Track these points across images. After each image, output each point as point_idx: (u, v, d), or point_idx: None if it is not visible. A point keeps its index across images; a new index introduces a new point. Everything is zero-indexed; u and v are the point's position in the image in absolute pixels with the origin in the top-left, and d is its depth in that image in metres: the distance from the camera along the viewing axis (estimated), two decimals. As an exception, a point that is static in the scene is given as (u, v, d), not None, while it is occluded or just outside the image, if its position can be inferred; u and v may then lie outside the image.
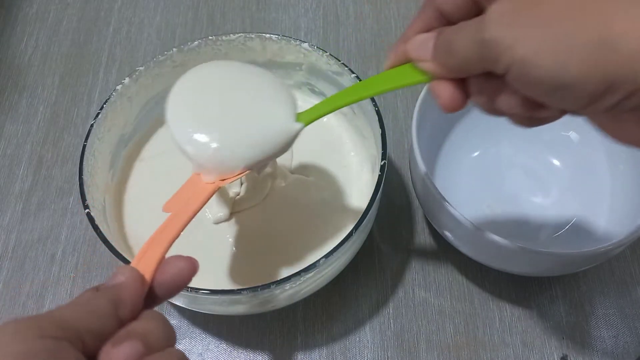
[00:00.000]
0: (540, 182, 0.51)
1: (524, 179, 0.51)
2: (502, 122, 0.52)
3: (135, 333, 0.24)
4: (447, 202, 0.40)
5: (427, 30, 0.28)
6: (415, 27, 0.28)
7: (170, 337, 0.26)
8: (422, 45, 0.27)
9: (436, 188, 0.40)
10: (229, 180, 0.34)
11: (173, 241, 0.30)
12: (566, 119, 0.48)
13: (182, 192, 0.35)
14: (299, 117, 0.34)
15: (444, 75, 0.26)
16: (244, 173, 0.34)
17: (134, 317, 0.25)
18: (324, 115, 0.34)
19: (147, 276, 0.27)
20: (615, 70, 0.20)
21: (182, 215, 0.31)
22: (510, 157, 0.52)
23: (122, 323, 0.24)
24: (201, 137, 0.33)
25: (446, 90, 0.26)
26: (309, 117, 0.34)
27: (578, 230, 0.48)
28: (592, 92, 0.21)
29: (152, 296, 0.27)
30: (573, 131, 0.51)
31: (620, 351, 0.45)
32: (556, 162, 0.51)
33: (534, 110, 0.25)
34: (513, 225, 0.49)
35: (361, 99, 0.33)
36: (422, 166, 0.41)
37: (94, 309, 0.24)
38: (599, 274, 0.48)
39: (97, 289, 0.26)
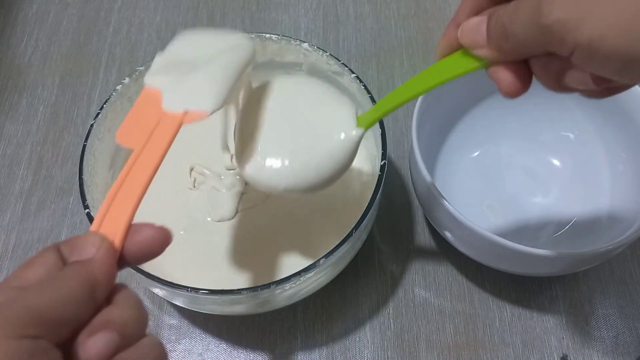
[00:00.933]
0: (540, 182, 0.51)
1: (524, 179, 0.51)
2: (502, 122, 0.52)
3: (111, 322, 0.22)
4: (447, 202, 0.40)
5: (479, 11, 0.26)
6: (465, 7, 0.26)
7: (145, 322, 0.24)
8: (474, 30, 0.25)
9: (436, 188, 0.40)
10: (197, 119, 0.30)
11: (141, 198, 0.26)
12: (566, 119, 0.48)
13: (136, 117, 0.31)
14: (359, 121, 0.34)
15: (500, 60, 0.24)
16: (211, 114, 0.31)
17: (108, 296, 0.23)
18: (385, 115, 0.33)
19: (117, 243, 0.25)
20: None
21: (148, 164, 0.27)
22: (510, 157, 0.52)
23: (96, 305, 0.23)
24: (273, 164, 0.33)
25: (506, 76, 0.24)
26: (368, 121, 0.33)
27: (578, 230, 0.48)
28: None
29: (118, 262, 0.25)
30: (573, 131, 0.51)
31: (620, 351, 0.45)
32: (556, 162, 0.52)
33: (607, 83, 0.23)
34: (513, 225, 0.49)
35: (419, 94, 0.31)
36: (422, 166, 0.41)
37: (70, 296, 0.22)
38: (599, 274, 0.48)
39: (57, 249, 0.24)
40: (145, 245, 0.25)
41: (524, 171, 0.51)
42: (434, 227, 0.47)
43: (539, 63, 0.24)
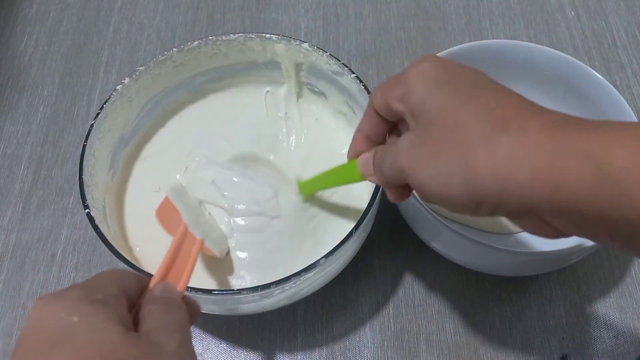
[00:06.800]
0: None
1: None
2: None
3: None
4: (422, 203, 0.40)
5: (372, 129, 0.34)
6: (362, 127, 0.35)
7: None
8: (365, 164, 0.34)
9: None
10: (210, 254, 0.41)
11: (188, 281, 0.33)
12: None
13: (167, 210, 0.41)
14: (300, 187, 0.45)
15: (383, 185, 0.33)
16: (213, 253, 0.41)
17: None
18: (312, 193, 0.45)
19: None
20: (478, 192, 0.26)
21: (186, 266, 0.34)
22: None
23: None
24: None
25: (391, 192, 0.33)
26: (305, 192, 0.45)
27: None
28: (470, 206, 0.27)
29: None
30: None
31: (620, 351, 0.45)
32: None
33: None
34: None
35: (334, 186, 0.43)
36: None
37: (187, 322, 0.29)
38: (599, 274, 0.48)
39: (136, 275, 0.29)
40: (194, 313, 0.31)
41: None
42: (434, 227, 0.47)
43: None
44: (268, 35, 0.47)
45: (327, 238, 0.44)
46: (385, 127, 0.34)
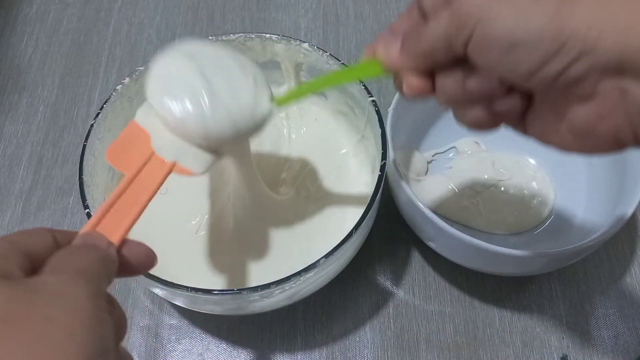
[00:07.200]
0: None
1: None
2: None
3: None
4: (414, 194, 0.40)
5: (407, 27, 0.28)
6: (394, 26, 0.29)
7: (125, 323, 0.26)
8: (390, 42, 0.28)
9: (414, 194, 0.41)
10: (185, 174, 0.33)
11: (135, 222, 0.29)
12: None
13: (125, 144, 0.33)
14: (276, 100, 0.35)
15: (406, 64, 0.27)
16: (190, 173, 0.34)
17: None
18: (298, 99, 0.35)
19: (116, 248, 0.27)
20: (568, 27, 0.22)
21: (141, 197, 0.30)
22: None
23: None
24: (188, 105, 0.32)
25: (413, 78, 0.27)
26: (283, 100, 0.35)
27: (557, 226, 0.48)
28: (544, 52, 0.22)
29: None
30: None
31: (620, 351, 0.45)
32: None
33: (492, 98, 0.26)
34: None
35: (332, 85, 0.36)
36: (404, 185, 0.42)
37: (102, 269, 0.24)
38: (599, 274, 0.48)
39: (52, 233, 0.25)
40: (141, 260, 0.28)
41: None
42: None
43: (443, 75, 0.27)
44: (268, 35, 0.47)
45: (325, 237, 0.44)
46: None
